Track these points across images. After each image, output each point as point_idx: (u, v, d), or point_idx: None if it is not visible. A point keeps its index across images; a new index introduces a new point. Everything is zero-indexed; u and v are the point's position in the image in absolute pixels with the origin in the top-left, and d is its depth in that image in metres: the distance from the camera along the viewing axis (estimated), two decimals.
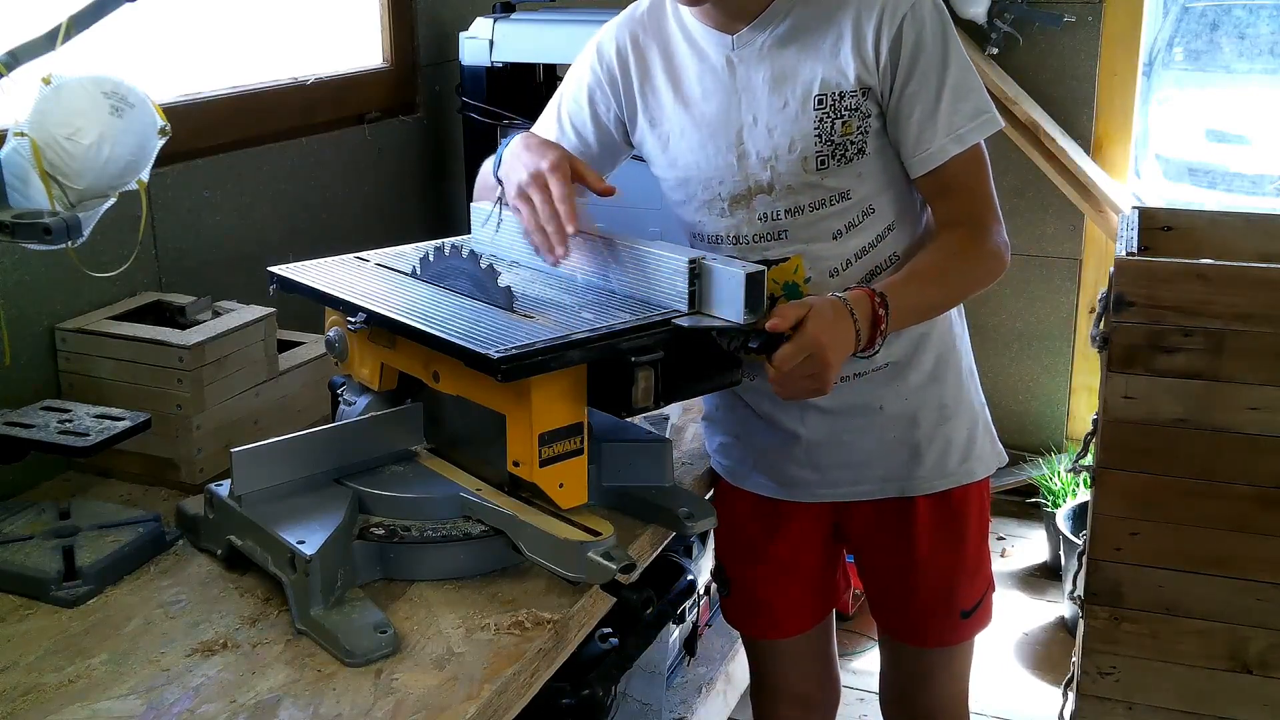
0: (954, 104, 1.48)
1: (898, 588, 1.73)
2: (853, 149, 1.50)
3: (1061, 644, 2.97)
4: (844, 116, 1.49)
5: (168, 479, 1.64)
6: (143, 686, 1.17)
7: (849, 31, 1.48)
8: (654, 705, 2.06)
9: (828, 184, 1.51)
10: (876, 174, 1.53)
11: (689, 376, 1.39)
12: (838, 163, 1.50)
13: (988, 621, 1.76)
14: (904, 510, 1.66)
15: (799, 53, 1.50)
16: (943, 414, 1.64)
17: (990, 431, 1.72)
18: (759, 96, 1.52)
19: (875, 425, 1.62)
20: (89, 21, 1.39)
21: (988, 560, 1.75)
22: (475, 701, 1.15)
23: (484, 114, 2.41)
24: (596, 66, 1.64)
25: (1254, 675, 2.12)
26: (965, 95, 1.49)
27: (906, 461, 1.63)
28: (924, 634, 1.75)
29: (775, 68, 1.50)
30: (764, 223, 1.54)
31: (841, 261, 1.54)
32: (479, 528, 1.37)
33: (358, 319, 1.42)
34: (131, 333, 1.67)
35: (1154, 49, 4.01)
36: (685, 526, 1.46)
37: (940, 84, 1.48)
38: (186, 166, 1.95)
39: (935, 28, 1.48)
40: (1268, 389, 1.99)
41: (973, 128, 1.49)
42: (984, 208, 1.54)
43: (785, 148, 1.50)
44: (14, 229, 1.36)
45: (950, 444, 1.64)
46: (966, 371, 1.68)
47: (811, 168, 1.50)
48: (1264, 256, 2.18)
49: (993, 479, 1.73)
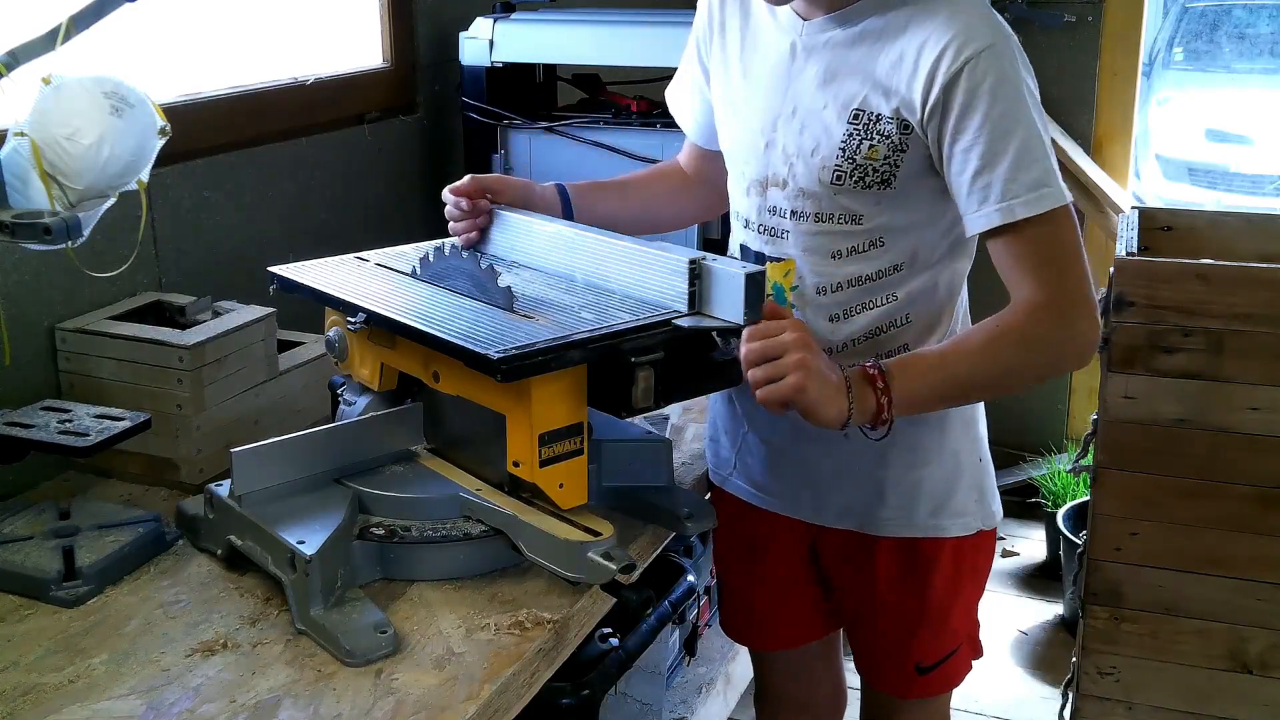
0: (1013, 172, 1.34)
1: (859, 625, 1.68)
2: (874, 176, 1.41)
3: (1061, 644, 2.97)
4: (874, 140, 1.40)
5: (168, 479, 1.64)
6: (143, 686, 1.17)
7: (910, 58, 1.38)
8: (654, 705, 2.05)
9: (840, 201, 1.44)
10: (898, 211, 1.44)
11: (689, 376, 1.39)
12: (855, 184, 1.42)
13: (954, 683, 1.67)
14: (866, 546, 1.58)
15: (858, 61, 1.42)
16: (916, 458, 1.53)
17: (980, 489, 1.58)
18: (805, 90, 1.46)
19: (838, 451, 1.54)
20: (89, 21, 1.39)
21: (961, 618, 1.64)
22: (475, 701, 1.15)
23: (484, 114, 2.41)
24: (702, 18, 1.62)
25: (1254, 675, 2.13)
26: (1028, 165, 1.34)
27: (868, 498, 1.55)
28: (875, 677, 1.70)
29: (830, 67, 1.44)
30: (771, 215, 1.50)
31: (833, 283, 1.48)
32: (479, 528, 1.37)
33: (358, 319, 1.42)
34: (131, 333, 1.67)
35: (1154, 49, 4.01)
36: (685, 526, 1.46)
37: (998, 148, 1.34)
38: (186, 166, 1.95)
39: (1005, 82, 1.34)
40: (1268, 389, 1.99)
41: (1028, 201, 1.34)
42: (1055, 284, 1.36)
43: (809, 150, 1.45)
44: (14, 229, 1.36)
45: (919, 492, 1.54)
46: (959, 424, 1.56)
47: (827, 179, 1.44)
48: (1264, 256, 2.18)
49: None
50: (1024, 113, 1.36)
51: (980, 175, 1.36)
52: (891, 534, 1.57)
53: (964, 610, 1.65)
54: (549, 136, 2.35)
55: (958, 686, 1.69)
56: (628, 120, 2.34)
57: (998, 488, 1.64)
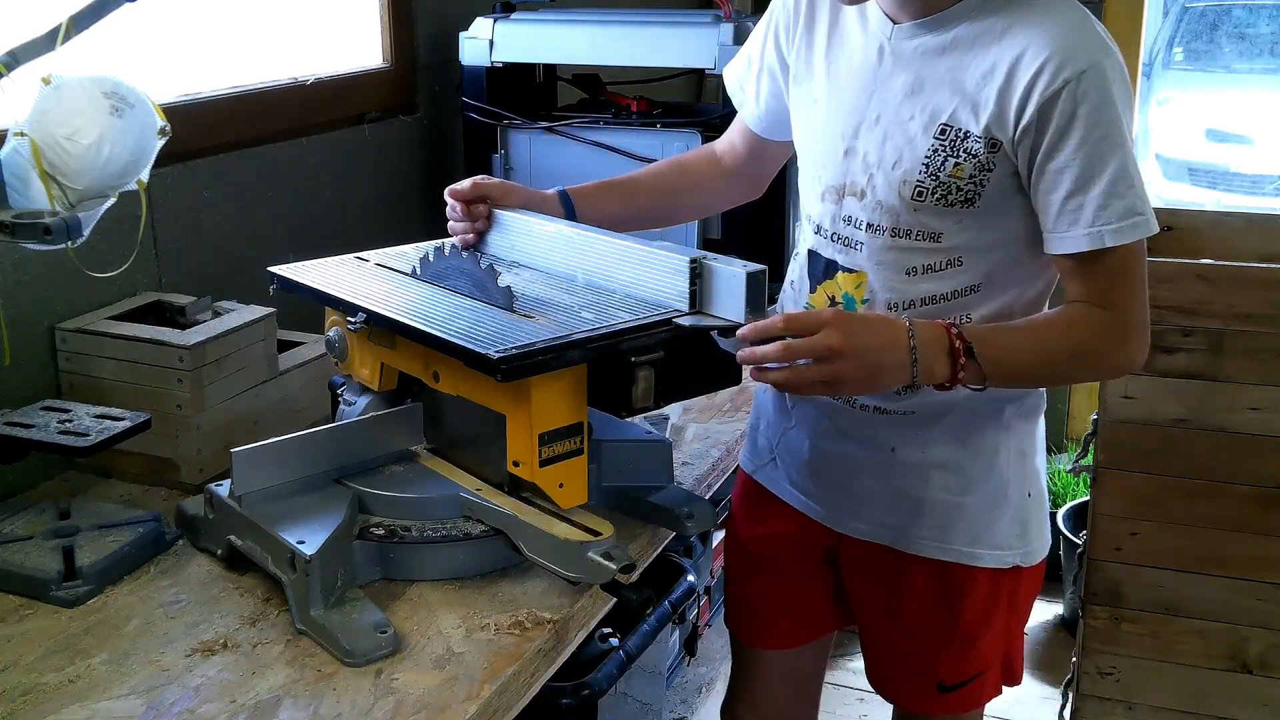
0: (1106, 199, 1.31)
1: (879, 640, 1.64)
2: (957, 195, 1.37)
3: (1061, 644, 2.97)
4: (959, 158, 1.36)
5: (168, 479, 1.64)
6: (143, 686, 1.17)
7: (1003, 71, 1.33)
8: (654, 705, 2.06)
9: (920, 218, 1.39)
10: (980, 232, 1.39)
11: (689, 376, 1.39)
12: (937, 201, 1.38)
13: (977, 704, 1.62)
14: (896, 564, 1.55)
15: (947, 71, 1.37)
16: (963, 483, 1.49)
17: (1023, 524, 1.53)
18: (892, 98, 1.41)
19: (884, 466, 1.51)
20: (89, 21, 1.39)
21: (991, 646, 1.59)
22: (475, 701, 1.15)
23: (484, 114, 2.41)
24: (787, 4, 1.57)
25: (1254, 675, 2.13)
26: (1122, 193, 1.31)
27: (906, 514, 1.52)
28: (896, 693, 1.65)
29: (919, 76, 1.39)
30: (845, 225, 1.46)
31: (905, 300, 1.43)
32: (479, 528, 1.37)
33: (358, 319, 1.42)
34: (131, 333, 1.67)
35: (1154, 49, 4.01)
36: (685, 526, 1.45)
37: (1093, 172, 1.31)
38: (186, 166, 1.95)
39: (1105, 106, 1.30)
40: (1268, 389, 2.00)
41: (1118, 229, 1.31)
42: (1121, 301, 1.36)
43: (891, 162, 1.40)
44: (14, 229, 1.36)
45: (960, 516, 1.50)
46: (1015, 452, 1.52)
47: (908, 194, 1.39)
48: (1264, 256, 2.18)
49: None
50: (1122, 137, 1.32)
51: (1072, 197, 1.32)
52: (924, 554, 1.53)
53: (997, 638, 1.59)
54: (549, 136, 2.35)
55: (981, 707, 1.65)
56: (628, 120, 2.34)
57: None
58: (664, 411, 1.77)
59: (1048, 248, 1.37)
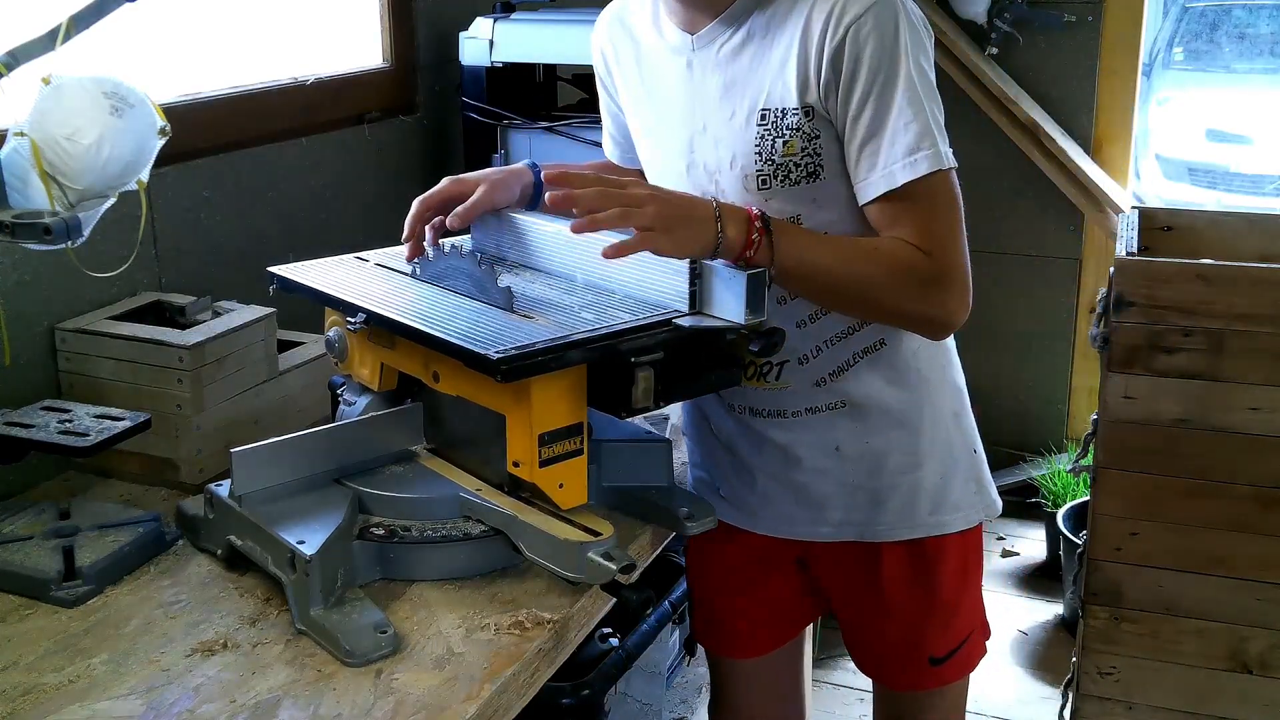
0: (894, 137, 1.33)
1: (863, 629, 1.65)
2: (799, 171, 1.39)
3: (1061, 644, 2.97)
4: (785, 136, 1.38)
5: (168, 479, 1.64)
6: (143, 686, 1.17)
7: (797, 41, 1.36)
8: (654, 705, 2.05)
9: (775, 205, 1.40)
10: (837, 200, 1.41)
11: (689, 376, 1.39)
12: (781, 184, 1.40)
13: (969, 668, 1.66)
14: (868, 554, 1.56)
15: (751, 61, 1.41)
16: (912, 460, 1.51)
17: (977, 481, 1.57)
18: (710, 104, 1.44)
19: (834, 469, 1.52)
20: (89, 21, 1.39)
21: (970, 608, 1.63)
22: (475, 701, 1.15)
23: (484, 114, 2.41)
24: (597, 58, 1.64)
25: (1254, 675, 2.13)
26: (907, 128, 1.32)
27: (866, 507, 1.53)
28: (891, 677, 1.67)
29: (728, 75, 1.43)
30: None
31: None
32: (479, 528, 1.37)
33: (357, 319, 1.42)
34: (131, 333, 1.67)
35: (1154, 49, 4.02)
36: (685, 526, 1.45)
37: (883, 116, 1.33)
38: (186, 166, 1.95)
39: (887, 43, 1.32)
40: (1268, 389, 1.99)
41: (905, 164, 1.33)
42: (936, 249, 1.35)
43: (727, 162, 1.43)
44: (14, 229, 1.36)
45: (919, 492, 1.52)
46: (950, 415, 1.55)
47: (753, 187, 1.41)
48: (1264, 256, 2.18)
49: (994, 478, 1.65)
50: (907, 74, 1.33)
51: (868, 143, 1.35)
52: (892, 539, 1.54)
53: (974, 599, 1.64)
54: (549, 136, 2.36)
55: (974, 670, 1.68)
56: None
57: (997, 488, 1.63)
58: (664, 411, 1.77)
59: (860, 200, 1.38)
